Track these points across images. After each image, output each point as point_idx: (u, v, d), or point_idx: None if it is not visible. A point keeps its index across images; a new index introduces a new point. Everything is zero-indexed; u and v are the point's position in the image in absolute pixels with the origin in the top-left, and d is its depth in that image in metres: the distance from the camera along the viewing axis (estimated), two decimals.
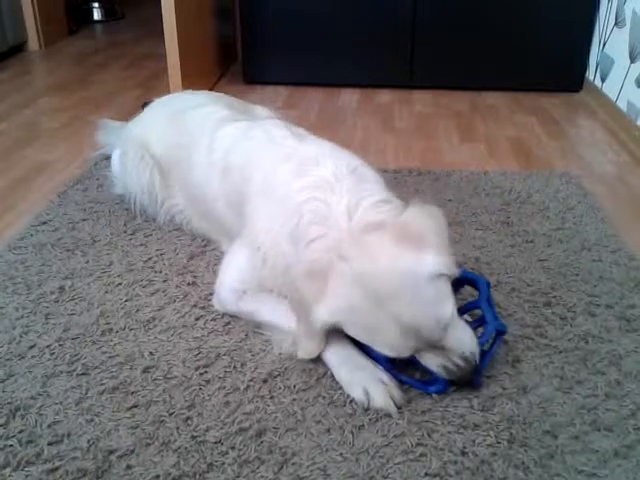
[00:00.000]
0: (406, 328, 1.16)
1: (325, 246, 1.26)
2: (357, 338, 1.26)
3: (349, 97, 3.17)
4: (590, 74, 3.18)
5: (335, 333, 1.31)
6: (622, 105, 2.73)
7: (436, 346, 1.20)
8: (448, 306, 1.20)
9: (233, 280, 1.49)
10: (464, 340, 1.22)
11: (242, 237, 1.50)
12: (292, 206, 1.36)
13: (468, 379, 1.23)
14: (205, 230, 1.80)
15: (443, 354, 1.20)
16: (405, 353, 1.20)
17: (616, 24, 2.89)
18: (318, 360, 1.33)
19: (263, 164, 1.50)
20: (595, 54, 3.12)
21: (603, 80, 3.01)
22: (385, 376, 1.26)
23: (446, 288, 1.21)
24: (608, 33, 2.98)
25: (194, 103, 1.89)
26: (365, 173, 1.44)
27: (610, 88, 2.91)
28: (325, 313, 1.22)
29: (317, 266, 1.24)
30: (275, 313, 1.42)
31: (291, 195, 1.37)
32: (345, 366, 1.28)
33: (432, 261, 1.18)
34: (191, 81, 2.83)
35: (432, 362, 1.22)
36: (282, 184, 1.41)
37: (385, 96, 3.19)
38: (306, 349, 1.31)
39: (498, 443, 1.15)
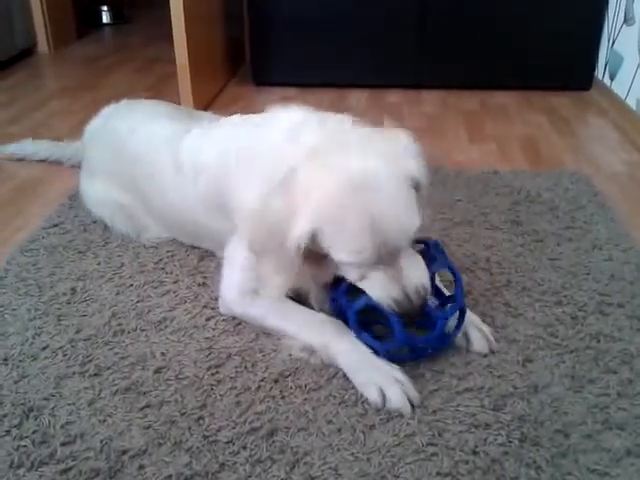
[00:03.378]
0: (373, 223, 1.17)
1: (295, 158, 1.25)
2: (325, 246, 1.22)
3: (358, 98, 3.17)
4: (599, 72, 3.17)
5: (344, 334, 1.32)
6: (632, 103, 2.72)
7: (391, 265, 1.22)
8: (417, 218, 1.23)
9: (235, 283, 1.48)
10: (418, 271, 1.25)
11: (235, 235, 1.47)
12: (270, 156, 1.33)
13: (416, 314, 1.24)
14: (198, 245, 1.76)
15: (395, 285, 1.22)
16: (365, 259, 1.20)
17: (625, 22, 2.88)
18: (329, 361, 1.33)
19: (237, 148, 1.47)
20: (604, 52, 3.11)
21: (612, 78, 2.99)
22: (400, 375, 1.25)
23: (418, 205, 1.25)
24: (617, 31, 2.96)
25: (128, 125, 1.81)
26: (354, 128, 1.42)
27: (619, 86, 2.89)
28: (304, 223, 1.19)
29: (289, 176, 1.23)
30: (283, 320, 1.41)
31: (282, 161, 1.31)
32: (359, 367, 1.28)
33: (415, 168, 1.24)
34: (200, 84, 2.84)
35: (383, 293, 1.23)
36: (268, 155, 1.37)
37: (394, 96, 3.19)
38: (277, 284, 1.31)
39: (509, 442, 1.14)
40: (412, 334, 1.30)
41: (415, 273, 1.24)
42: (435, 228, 1.87)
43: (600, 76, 3.15)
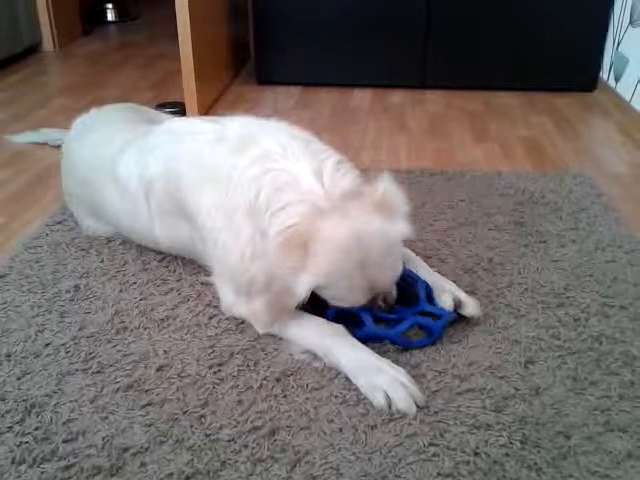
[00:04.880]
0: (371, 283, 1.30)
1: (302, 212, 1.28)
2: (324, 297, 1.33)
3: (361, 97, 3.17)
4: (604, 74, 3.16)
5: (346, 337, 1.32)
6: (636, 105, 2.71)
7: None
8: (401, 266, 1.36)
9: (229, 286, 1.47)
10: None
11: (208, 242, 1.47)
12: (244, 182, 1.36)
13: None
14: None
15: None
16: (358, 304, 1.33)
17: (630, 23, 2.88)
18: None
19: (188, 158, 1.48)
20: (609, 53, 3.10)
21: (617, 80, 2.99)
22: (405, 377, 1.25)
23: (402, 249, 1.40)
24: (622, 32, 2.96)
25: (80, 147, 1.81)
26: (304, 136, 1.46)
27: (624, 88, 2.89)
28: (309, 279, 1.25)
29: (296, 233, 1.26)
30: (284, 325, 1.40)
31: (238, 172, 1.38)
32: (362, 371, 1.27)
33: (404, 228, 1.34)
34: (204, 81, 2.84)
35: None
36: (222, 165, 1.41)
37: (397, 96, 3.19)
38: (268, 323, 1.38)
39: (511, 444, 1.15)
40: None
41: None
42: (438, 228, 1.87)
43: (605, 77, 3.14)
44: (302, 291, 1.26)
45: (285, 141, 1.39)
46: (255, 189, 1.34)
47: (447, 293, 1.45)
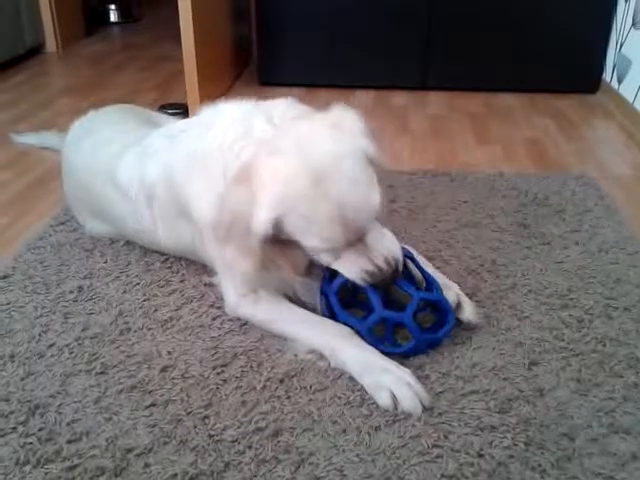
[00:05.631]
0: (340, 210, 1.18)
1: (251, 150, 1.26)
2: (292, 234, 1.24)
3: (364, 99, 3.17)
4: (607, 75, 3.16)
5: (350, 338, 1.32)
6: (639, 106, 2.71)
7: (360, 242, 1.24)
8: (377, 195, 1.24)
9: (232, 286, 1.47)
10: (387, 243, 1.28)
11: (207, 241, 1.47)
12: (215, 152, 1.36)
13: (388, 282, 1.29)
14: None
15: (364, 259, 1.25)
16: (335, 243, 1.23)
17: (633, 25, 2.88)
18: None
19: (180, 155, 1.47)
20: (612, 55, 3.10)
21: (620, 81, 2.99)
22: (410, 377, 1.25)
23: (376, 179, 1.26)
24: (625, 34, 2.96)
25: (77, 151, 1.81)
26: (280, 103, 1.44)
27: (627, 89, 2.89)
28: (264, 211, 1.20)
29: (245, 168, 1.24)
30: (289, 325, 1.40)
31: (212, 147, 1.37)
32: (367, 370, 1.27)
33: (368, 145, 1.26)
34: (207, 82, 2.85)
35: (354, 268, 1.26)
36: (200, 146, 1.41)
37: (400, 98, 3.19)
38: (244, 270, 1.30)
39: (515, 445, 1.14)
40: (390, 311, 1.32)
41: (383, 245, 1.27)
42: (441, 230, 1.87)
43: (608, 79, 3.14)
44: (259, 225, 1.21)
45: (248, 108, 1.39)
46: (222, 153, 1.34)
47: (452, 291, 1.44)
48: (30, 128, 2.68)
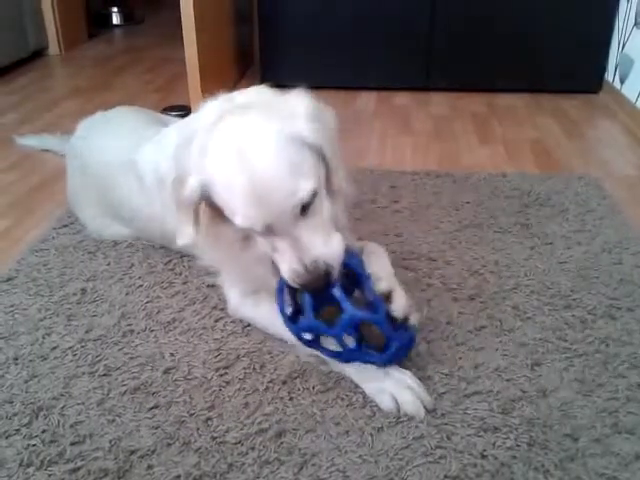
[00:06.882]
0: (254, 186, 1.12)
1: (190, 128, 1.27)
2: (220, 206, 1.21)
3: (366, 100, 3.17)
4: (609, 75, 3.15)
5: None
6: None
7: (287, 233, 1.17)
8: (308, 183, 1.15)
9: (234, 287, 1.47)
10: (322, 243, 1.18)
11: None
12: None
13: (316, 287, 1.17)
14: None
15: (295, 255, 1.17)
16: (257, 225, 1.16)
17: (636, 24, 2.87)
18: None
19: (187, 145, 1.42)
20: (614, 55, 3.09)
21: (622, 81, 2.98)
22: (411, 380, 1.24)
23: (313, 167, 1.18)
24: (628, 34, 2.95)
25: (90, 146, 1.82)
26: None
27: (630, 89, 2.88)
28: (192, 175, 1.20)
29: (189, 137, 1.24)
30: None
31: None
32: (369, 375, 1.26)
33: (303, 128, 1.18)
34: (210, 84, 2.85)
35: (284, 264, 1.19)
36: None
37: (402, 98, 3.19)
38: (183, 233, 1.29)
39: (518, 446, 1.14)
40: (318, 321, 1.21)
41: (317, 244, 1.17)
42: (444, 230, 1.87)
43: (610, 79, 3.14)
44: (187, 188, 1.21)
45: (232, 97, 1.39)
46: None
47: (384, 282, 1.26)
48: (33, 130, 2.68)
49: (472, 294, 1.56)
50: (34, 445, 1.16)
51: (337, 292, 1.18)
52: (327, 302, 1.21)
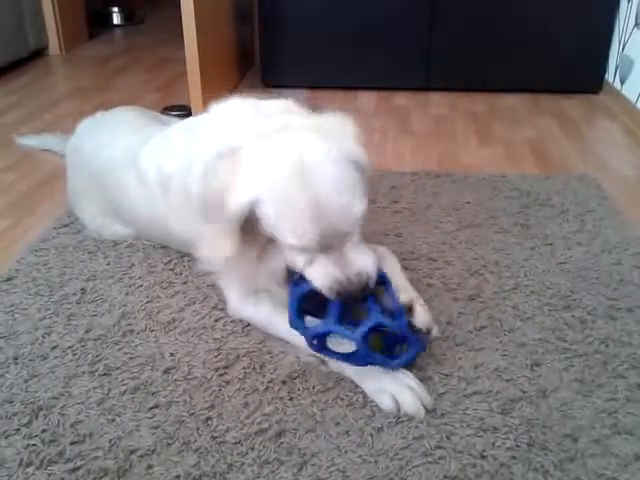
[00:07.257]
0: (317, 206, 1.15)
1: (236, 134, 1.27)
2: (267, 225, 1.21)
3: (366, 100, 3.18)
4: (609, 76, 3.16)
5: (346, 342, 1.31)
6: None
7: (335, 250, 1.20)
8: (361, 203, 1.21)
9: (235, 287, 1.47)
10: (363, 258, 1.23)
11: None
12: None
13: (355, 296, 1.21)
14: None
15: (337, 268, 1.20)
16: (308, 242, 1.18)
17: (636, 25, 2.87)
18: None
19: (198, 149, 1.44)
20: (615, 55, 3.10)
21: (623, 82, 2.98)
22: (411, 380, 1.25)
23: (363, 188, 1.23)
24: (628, 34, 2.95)
25: (93, 143, 1.82)
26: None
27: (630, 90, 2.88)
28: (241, 190, 1.19)
29: (231, 146, 1.23)
30: (290, 330, 1.36)
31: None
32: (368, 375, 1.27)
33: (356, 150, 1.24)
34: (210, 84, 2.85)
35: (324, 276, 1.21)
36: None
37: (402, 99, 3.19)
38: (219, 248, 1.27)
39: (517, 446, 1.14)
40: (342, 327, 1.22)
41: (360, 258, 1.22)
42: (443, 231, 1.87)
43: (610, 79, 3.14)
44: (234, 205, 1.19)
45: (254, 104, 1.44)
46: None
47: (405, 295, 1.33)
48: (33, 130, 2.68)
49: (472, 294, 1.56)
50: (34, 445, 1.16)
51: (370, 301, 1.24)
52: (350, 309, 1.25)
